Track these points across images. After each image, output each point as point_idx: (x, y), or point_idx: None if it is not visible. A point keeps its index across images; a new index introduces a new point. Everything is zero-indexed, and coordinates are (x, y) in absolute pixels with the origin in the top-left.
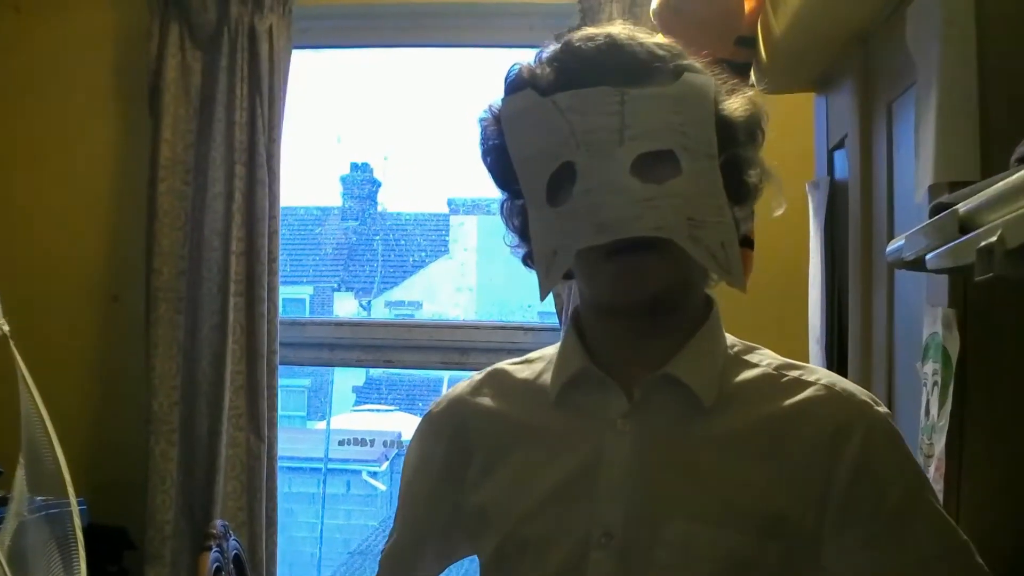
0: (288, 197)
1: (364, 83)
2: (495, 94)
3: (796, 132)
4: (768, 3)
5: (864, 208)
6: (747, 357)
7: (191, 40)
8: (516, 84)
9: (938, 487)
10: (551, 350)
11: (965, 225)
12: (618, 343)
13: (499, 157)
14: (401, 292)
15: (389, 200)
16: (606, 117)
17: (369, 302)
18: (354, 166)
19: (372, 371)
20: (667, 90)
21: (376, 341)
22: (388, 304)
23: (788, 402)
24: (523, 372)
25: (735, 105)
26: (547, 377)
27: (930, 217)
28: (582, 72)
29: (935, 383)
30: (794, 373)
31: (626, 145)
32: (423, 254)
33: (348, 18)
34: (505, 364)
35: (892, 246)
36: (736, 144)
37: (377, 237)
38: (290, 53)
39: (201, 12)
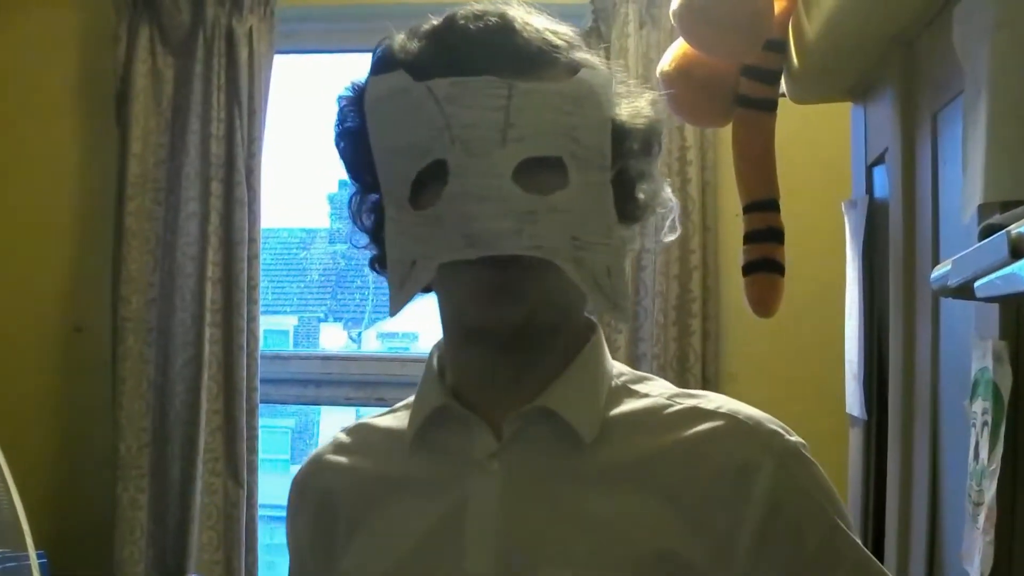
0: (270, 218)
1: None
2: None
3: (831, 146)
4: (800, 3)
5: (906, 230)
6: (635, 387)
7: (162, 43)
8: (386, 62)
9: (987, 538)
10: None
11: (1018, 249)
12: (484, 373)
13: (356, 144)
14: (394, 323)
15: None
16: (489, 112)
17: (359, 334)
18: (343, 184)
19: (363, 410)
20: (562, 87)
21: (367, 377)
22: (380, 336)
23: (683, 433)
24: (386, 421)
25: (634, 109)
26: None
27: (979, 240)
28: (466, 56)
29: (985, 423)
30: (689, 402)
31: (509, 147)
32: None
33: (337, 19)
34: (369, 418)
35: (937, 272)
36: (629, 155)
37: None
38: (272, 58)
39: (174, 13)
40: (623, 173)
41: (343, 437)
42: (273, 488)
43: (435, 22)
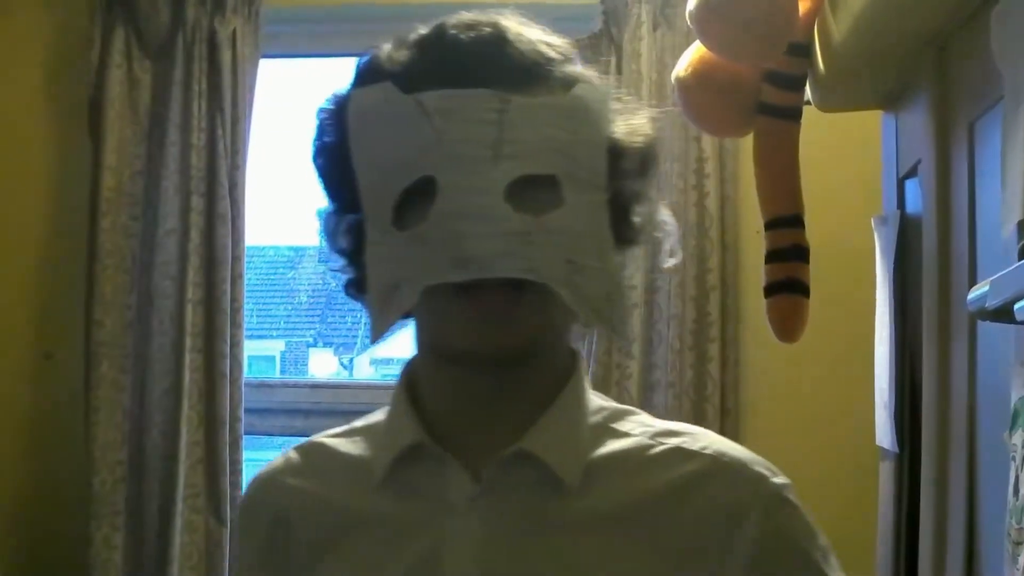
0: (255, 235)
1: None
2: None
3: (860, 158)
4: (827, 3)
5: (941, 248)
6: (616, 425)
7: (139, 47)
8: (371, 73)
9: None
10: (379, 416)
11: None
12: (462, 406)
13: (336, 160)
14: (389, 348)
15: None
16: (481, 127)
17: (351, 360)
18: None
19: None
20: (557, 102)
21: (360, 406)
22: (374, 362)
23: (667, 476)
24: (345, 446)
25: (631, 127)
26: (373, 452)
27: (1020, 259)
28: (458, 68)
29: None
30: (673, 441)
31: (502, 164)
32: None
33: (328, 21)
34: (324, 437)
35: (974, 293)
36: (625, 176)
37: None
38: (257, 62)
39: (151, 14)
40: (618, 194)
41: (296, 457)
42: None
43: (424, 31)
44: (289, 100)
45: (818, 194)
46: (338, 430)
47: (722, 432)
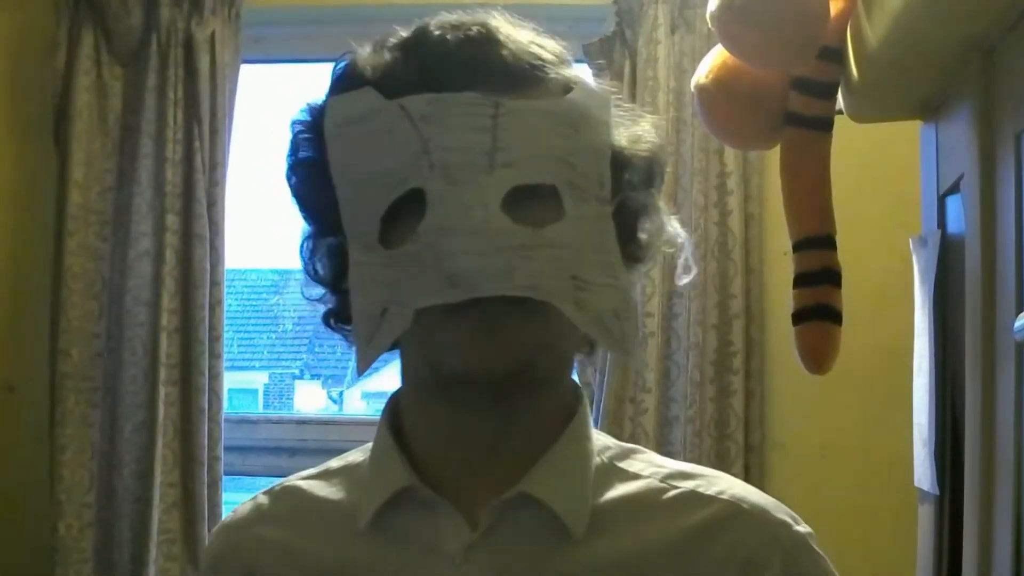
0: (236, 257)
1: None
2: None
3: (897, 172)
4: (861, 3)
5: (986, 271)
6: (624, 464)
7: (109, 51)
8: (351, 79)
9: None
10: (357, 456)
11: None
12: (455, 444)
13: (313, 176)
14: (382, 380)
15: None
16: (473, 133)
17: (341, 393)
18: None
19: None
20: (555, 105)
21: (350, 445)
22: (366, 396)
23: (681, 523)
24: (322, 490)
25: (634, 135)
26: (354, 495)
27: None
28: (444, 70)
29: None
30: (687, 485)
31: (497, 173)
32: None
33: (314, 23)
34: (298, 479)
35: (1022, 320)
36: (630, 186)
37: None
38: (238, 68)
39: (122, 15)
40: (623, 207)
41: (266, 503)
42: None
43: (405, 34)
44: (273, 109)
45: (851, 212)
46: (312, 471)
47: (746, 472)
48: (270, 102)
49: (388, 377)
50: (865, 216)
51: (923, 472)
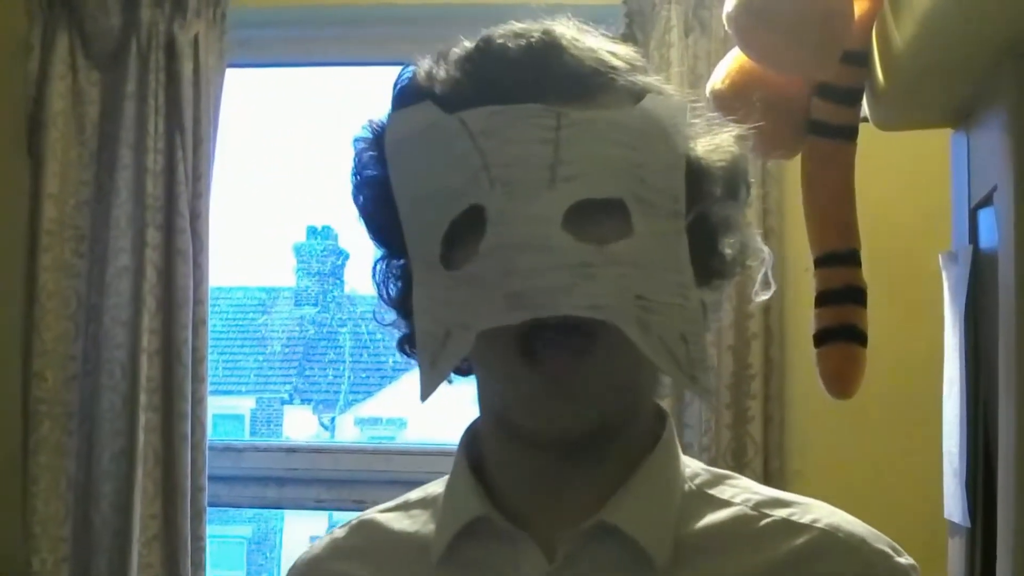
0: (220, 274)
1: (328, 116)
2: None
3: (925, 183)
4: (887, 4)
5: (1020, 287)
6: (714, 492)
7: (86, 54)
8: (409, 93)
9: None
10: (437, 487)
11: None
12: (533, 476)
13: (378, 195)
14: (377, 406)
15: (361, 278)
16: (535, 146)
17: (333, 419)
18: (312, 231)
19: (337, 515)
20: (622, 116)
21: (342, 474)
22: (359, 423)
23: (772, 554)
24: (400, 522)
25: (713, 145)
26: (432, 527)
27: None
28: (505, 82)
29: None
30: (780, 513)
31: (559, 188)
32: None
33: (304, 24)
34: (376, 512)
35: None
36: (711, 200)
37: (344, 329)
38: (223, 73)
39: (100, 16)
40: (702, 221)
41: (342, 537)
42: None
43: (468, 44)
44: (261, 116)
45: (877, 226)
46: (390, 504)
47: None
48: (258, 109)
49: (383, 403)
50: (891, 230)
51: (953, 503)
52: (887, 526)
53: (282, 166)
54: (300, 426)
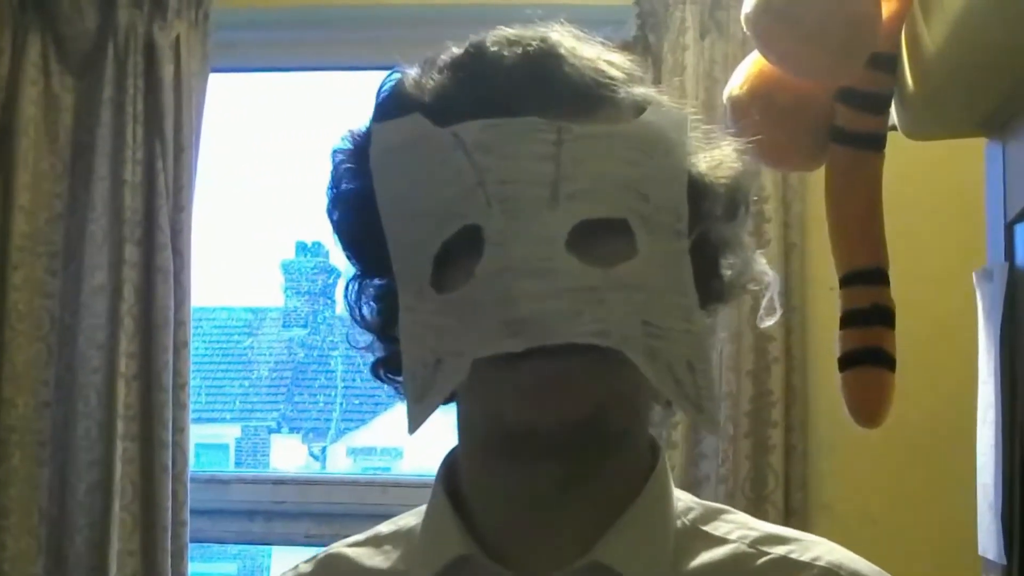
0: (203, 294)
1: (318, 123)
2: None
3: (958, 196)
4: (917, 5)
5: None
6: (709, 528)
7: (59, 58)
8: (396, 103)
9: None
10: (410, 519)
11: None
12: (519, 509)
13: (357, 210)
14: (371, 435)
15: None
16: (535, 163)
17: (324, 449)
18: (301, 247)
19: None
20: (624, 130)
21: (334, 507)
22: (352, 452)
23: None
24: (371, 558)
25: (716, 161)
26: (406, 564)
27: None
28: (500, 92)
29: None
30: (779, 550)
31: (562, 206)
32: None
33: (293, 26)
34: (343, 546)
35: None
36: (712, 219)
37: (336, 352)
38: (206, 77)
39: (74, 18)
40: (702, 241)
41: (307, 573)
42: None
43: (457, 51)
44: (246, 124)
45: (906, 242)
46: (359, 537)
47: None
48: (243, 116)
49: (377, 431)
50: (922, 247)
51: (988, 539)
52: (917, 564)
53: (269, 177)
54: (289, 456)
